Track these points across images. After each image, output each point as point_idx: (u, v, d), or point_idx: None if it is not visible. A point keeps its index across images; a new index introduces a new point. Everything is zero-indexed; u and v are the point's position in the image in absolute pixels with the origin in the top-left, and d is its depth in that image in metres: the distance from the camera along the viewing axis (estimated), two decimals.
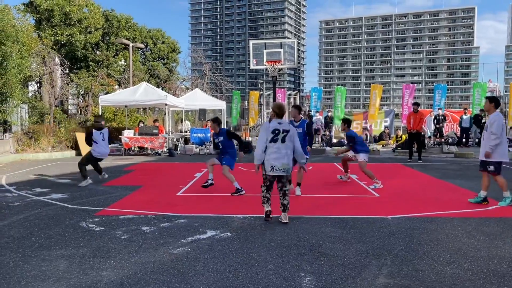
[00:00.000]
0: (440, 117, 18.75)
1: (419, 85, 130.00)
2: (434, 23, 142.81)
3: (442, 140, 18.32)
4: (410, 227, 5.42)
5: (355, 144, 8.81)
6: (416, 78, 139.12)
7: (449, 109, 24.05)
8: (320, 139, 20.38)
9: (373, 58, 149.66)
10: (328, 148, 17.75)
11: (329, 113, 21.57)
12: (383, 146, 18.52)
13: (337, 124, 22.21)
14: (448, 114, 20.80)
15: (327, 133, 20.02)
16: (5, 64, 12.59)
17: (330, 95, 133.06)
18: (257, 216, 5.99)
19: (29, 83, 20.08)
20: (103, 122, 9.27)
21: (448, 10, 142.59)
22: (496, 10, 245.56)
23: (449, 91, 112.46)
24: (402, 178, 10.03)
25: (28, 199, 7.30)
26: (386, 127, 20.91)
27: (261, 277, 3.78)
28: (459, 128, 19.77)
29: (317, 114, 21.92)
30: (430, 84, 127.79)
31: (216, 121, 7.98)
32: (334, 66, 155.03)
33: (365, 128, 19.92)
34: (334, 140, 19.65)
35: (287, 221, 5.59)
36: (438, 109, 19.53)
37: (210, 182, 7.94)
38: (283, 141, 5.56)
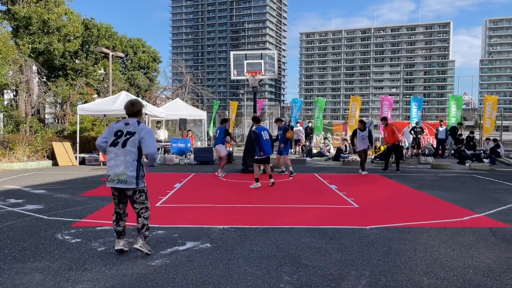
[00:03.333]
0: (417, 128, 19.14)
1: (397, 97, 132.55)
2: (411, 37, 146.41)
3: (420, 151, 18.67)
4: (389, 237, 5.48)
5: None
6: (394, 90, 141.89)
7: (425, 121, 24.54)
8: (300, 149, 20.51)
9: (353, 70, 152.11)
10: (308, 158, 17.87)
11: (310, 124, 21.76)
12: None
13: (318, 135, 22.43)
14: (425, 126, 21.24)
15: (308, 143, 20.18)
16: None
17: (310, 106, 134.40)
18: (237, 227, 5.97)
19: (5, 91, 19.64)
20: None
21: (425, 25, 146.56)
22: (470, 25, 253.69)
23: (425, 104, 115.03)
24: (381, 188, 10.17)
25: (1, 210, 7.09)
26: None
27: None
28: (435, 140, 20.21)
29: (298, 124, 22.07)
30: (407, 96, 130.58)
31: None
32: (314, 78, 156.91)
33: (344, 139, 20.16)
34: (314, 151, 19.79)
35: (146, 251, 4.55)
36: (416, 123, 19.92)
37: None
38: (123, 145, 4.45)
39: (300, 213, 7.07)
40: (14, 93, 20.54)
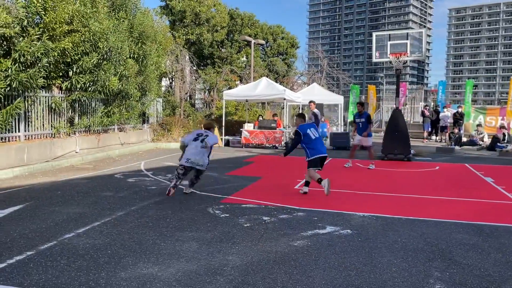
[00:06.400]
0: None
1: None
2: None
3: None
4: None
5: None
6: None
7: None
8: (447, 137, 18.79)
9: None
10: (457, 147, 16.27)
11: (459, 109, 19.71)
12: None
13: (468, 121, 20.27)
14: None
15: (456, 130, 18.34)
16: (145, 61, 14.08)
17: (459, 89, 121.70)
18: (378, 215, 5.77)
19: (163, 78, 22.17)
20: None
21: None
22: None
23: None
24: None
25: (163, 184, 8.08)
26: None
27: (385, 279, 3.63)
28: None
29: (445, 109, 20.23)
30: None
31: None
32: (464, 58, 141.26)
33: (502, 126, 17.73)
34: (464, 139, 17.92)
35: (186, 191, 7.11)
36: None
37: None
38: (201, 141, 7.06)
39: (449, 205, 6.49)
40: (171, 80, 23.07)
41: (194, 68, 23.67)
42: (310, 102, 13.74)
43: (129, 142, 14.14)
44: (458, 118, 19.06)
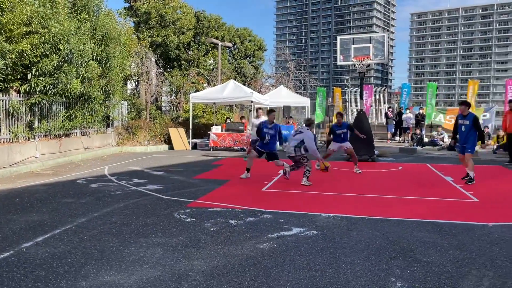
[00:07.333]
0: None
1: None
2: None
3: None
4: None
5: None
6: None
7: None
8: (410, 138, 19.37)
9: (471, 51, 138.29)
10: (419, 148, 16.80)
11: (421, 111, 20.38)
12: (481, 146, 17.02)
13: (428, 122, 20.94)
14: None
15: (418, 131, 18.94)
16: (109, 64, 13.76)
17: (421, 91, 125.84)
18: (343, 215, 5.86)
19: (128, 81, 21.74)
20: None
21: None
22: None
23: None
24: (505, 182, 9.15)
25: (127, 189, 7.91)
26: (485, 126, 19.20)
27: (349, 279, 3.69)
28: None
29: (408, 111, 20.85)
30: None
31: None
32: (426, 61, 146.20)
33: None
34: (426, 139, 18.53)
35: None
36: None
37: None
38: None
39: (411, 205, 6.68)
40: (136, 83, 22.67)
41: (160, 70, 23.35)
42: (258, 109, 12.75)
43: (92, 146, 13.78)
44: (419, 120, 19.69)
